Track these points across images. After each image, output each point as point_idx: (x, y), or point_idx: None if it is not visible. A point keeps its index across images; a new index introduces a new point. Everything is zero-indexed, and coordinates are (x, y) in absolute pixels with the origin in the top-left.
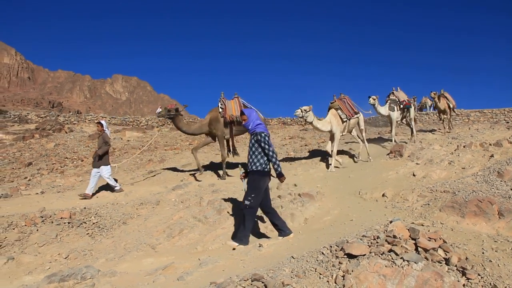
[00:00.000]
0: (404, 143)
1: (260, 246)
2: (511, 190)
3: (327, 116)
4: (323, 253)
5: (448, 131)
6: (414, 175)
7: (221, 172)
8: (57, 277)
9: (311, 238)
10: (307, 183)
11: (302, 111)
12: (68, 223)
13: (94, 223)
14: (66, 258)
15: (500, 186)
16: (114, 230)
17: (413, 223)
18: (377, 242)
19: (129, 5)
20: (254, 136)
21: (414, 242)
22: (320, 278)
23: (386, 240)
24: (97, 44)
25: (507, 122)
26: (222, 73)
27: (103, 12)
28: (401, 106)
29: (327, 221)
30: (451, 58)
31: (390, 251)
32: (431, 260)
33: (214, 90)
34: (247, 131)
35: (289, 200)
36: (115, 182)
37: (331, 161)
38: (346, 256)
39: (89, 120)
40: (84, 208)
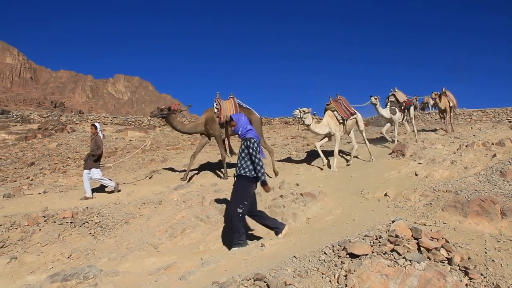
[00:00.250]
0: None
1: (262, 246)
2: None
3: (324, 119)
4: (325, 252)
5: (449, 131)
6: (416, 175)
7: (222, 171)
8: (59, 276)
9: (313, 237)
10: (309, 183)
11: (300, 112)
12: (71, 222)
13: (96, 223)
14: (68, 257)
15: (502, 185)
16: (117, 229)
17: (415, 222)
18: (379, 242)
19: (131, 5)
20: (244, 142)
21: (416, 241)
22: (322, 277)
23: (389, 240)
24: (99, 44)
25: (510, 122)
26: (224, 72)
27: (105, 12)
28: (401, 107)
29: (329, 220)
30: (452, 57)
31: (393, 250)
32: (434, 259)
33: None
34: None
35: (291, 200)
36: (109, 180)
37: (333, 161)
38: (348, 255)
39: (91, 120)
40: (87, 208)
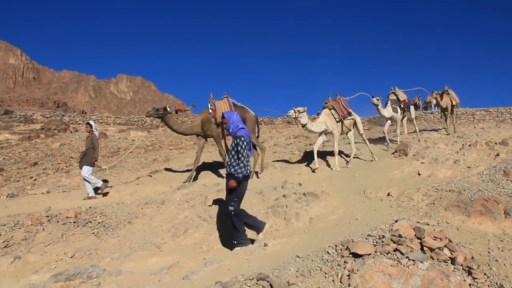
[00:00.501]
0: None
1: (265, 246)
2: None
3: (320, 117)
4: (328, 252)
5: (451, 132)
6: (419, 174)
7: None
8: (63, 276)
9: (316, 237)
10: (312, 182)
11: (295, 112)
12: (74, 222)
13: (99, 223)
14: (72, 257)
15: (506, 185)
16: (120, 229)
17: (418, 222)
18: (382, 242)
19: (134, 5)
20: (234, 140)
21: (419, 241)
22: (325, 277)
23: (392, 240)
24: (101, 44)
25: None
26: (227, 72)
27: (108, 13)
28: (401, 106)
29: (332, 220)
30: (453, 56)
31: (396, 250)
32: (437, 259)
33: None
34: None
35: (294, 200)
36: (97, 179)
37: (334, 160)
38: (351, 255)
39: (94, 120)
40: (90, 207)
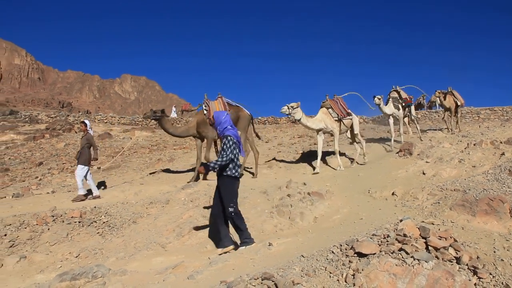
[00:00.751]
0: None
1: (269, 245)
2: None
3: (318, 114)
4: (333, 252)
5: (455, 131)
6: (424, 174)
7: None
8: (68, 275)
9: (321, 237)
10: (316, 182)
11: (289, 108)
12: (79, 222)
13: (104, 222)
14: (77, 257)
15: (511, 184)
16: (124, 229)
17: (423, 221)
18: (387, 241)
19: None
20: (222, 139)
21: (424, 241)
22: (330, 277)
23: (396, 239)
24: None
25: None
26: (230, 72)
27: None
28: (403, 104)
29: (337, 219)
30: (453, 56)
31: (401, 250)
32: (442, 259)
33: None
34: None
35: (298, 199)
36: (81, 185)
37: (336, 160)
38: (356, 255)
39: (98, 120)
40: (95, 207)
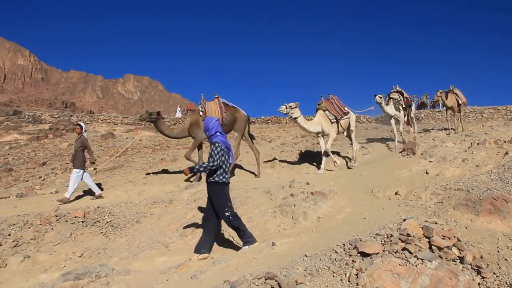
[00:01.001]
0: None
1: (273, 245)
2: None
3: (316, 117)
4: (336, 251)
5: (459, 130)
6: (427, 173)
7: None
8: (72, 275)
9: (324, 236)
10: (320, 182)
11: (287, 107)
12: (82, 222)
13: (107, 222)
14: (80, 256)
15: None
16: (128, 229)
17: (426, 221)
18: (390, 241)
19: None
20: (211, 146)
21: (428, 240)
22: (333, 276)
23: (400, 239)
24: (108, 44)
25: None
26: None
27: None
28: (403, 106)
29: (340, 219)
30: (454, 56)
31: (404, 249)
32: (445, 258)
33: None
34: (229, 131)
35: (301, 199)
36: (72, 190)
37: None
38: (359, 254)
39: (101, 120)
40: (98, 207)
